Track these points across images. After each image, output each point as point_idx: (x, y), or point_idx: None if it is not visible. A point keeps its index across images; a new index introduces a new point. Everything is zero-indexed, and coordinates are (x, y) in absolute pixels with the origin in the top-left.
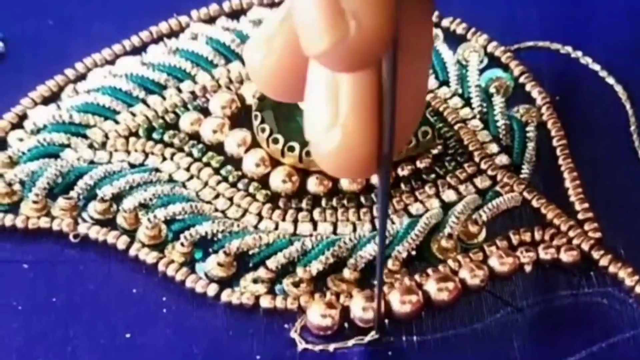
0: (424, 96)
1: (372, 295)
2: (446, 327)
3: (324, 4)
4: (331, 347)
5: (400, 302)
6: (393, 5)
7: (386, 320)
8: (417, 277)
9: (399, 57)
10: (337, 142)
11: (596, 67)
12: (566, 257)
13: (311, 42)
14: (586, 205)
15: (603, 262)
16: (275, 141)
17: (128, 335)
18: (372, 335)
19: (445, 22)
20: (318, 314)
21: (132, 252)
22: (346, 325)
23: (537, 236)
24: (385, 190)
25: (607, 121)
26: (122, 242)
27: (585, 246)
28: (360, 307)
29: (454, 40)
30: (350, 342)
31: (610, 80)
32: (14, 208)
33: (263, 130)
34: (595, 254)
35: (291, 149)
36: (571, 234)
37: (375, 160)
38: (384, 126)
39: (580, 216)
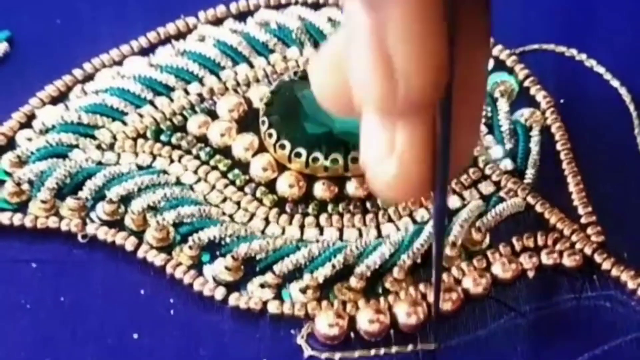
0: (478, 125)
1: (377, 308)
2: (450, 335)
3: (376, 61)
4: (337, 355)
5: (406, 315)
6: (443, 65)
7: (391, 331)
8: (421, 287)
9: (455, 93)
10: (393, 173)
11: (601, 69)
12: (569, 261)
13: (362, 94)
14: (589, 209)
15: (606, 265)
16: (282, 147)
17: (135, 336)
18: (429, 345)
19: None
20: (326, 323)
21: (140, 253)
22: (352, 334)
23: (540, 241)
24: (441, 218)
25: (611, 124)
26: (130, 244)
27: (588, 250)
28: (366, 320)
29: None
30: (357, 353)
31: (615, 83)
32: (22, 207)
33: (270, 135)
34: (598, 258)
35: (298, 155)
36: (574, 238)
37: (430, 186)
38: (440, 159)
39: (583, 220)
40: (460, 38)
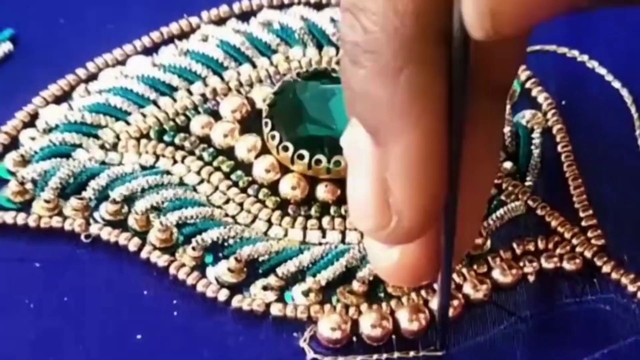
0: (481, 218)
1: (380, 313)
2: (451, 340)
3: (374, 193)
4: (339, 359)
5: (408, 320)
6: (440, 197)
7: (393, 337)
8: (423, 292)
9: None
10: (395, 260)
11: (602, 71)
12: (569, 265)
13: (356, 219)
14: (590, 212)
15: (606, 268)
16: (285, 149)
17: (138, 337)
18: (437, 349)
19: None
20: (329, 327)
21: (143, 254)
22: (354, 338)
23: (541, 245)
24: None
25: (613, 125)
26: (133, 244)
27: (588, 253)
28: (369, 325)
29: None
30: (359, 358)
31: (616, 84)
32: (25, 207)
33: (273, 137)
34: (598, 261)
35: (300, 157)
36: (574, 241)
37: (436, 268)
38: (444, 248)
39: (583, 223)
40: (468, 153)
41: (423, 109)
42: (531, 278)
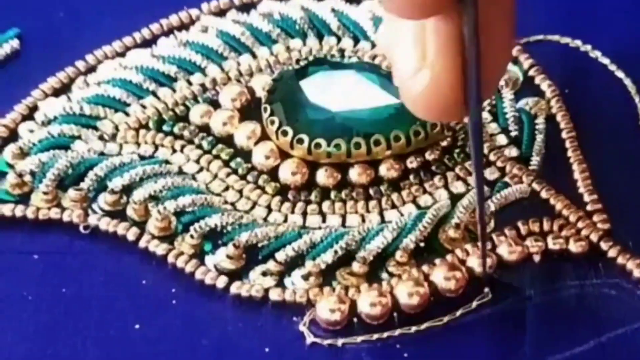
0: (510, 39)
1: (378, 290)
2: (454, 316)
3: None
4: (339, 341)
5: (407, 295)
6: None
7: (395, 314)
8: (424, 268)
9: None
10: (426, 83)
11: (605, 60)
12: (575, 247)
13: None
14: (595, 196)
15: (612, 253)
16: (285, 133)
17: (137, 326)
18: (485, 295)
19: None
20: (327, 309)
21: (142, 243)
22: (355, 320)
23: (546, 226)
24: (478, 134)
25: (616, 114)
26: (132, 234)
27: (594, 237)
28: (367, 304)
29: None
30: (359, 338)
31: (620, 73)
32: (24, 199)
33: (272, 122)
34: (604, 245)
35: (300, 141)
36: (580, 224)
37: (464, 101)
38: (470, 67)
39: (589, 207)
40: None
41: None
42: (536, 258)
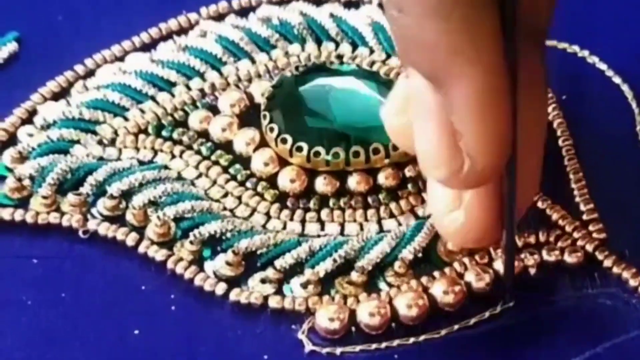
0: (539, 172)
1: (378, 301)
2: (452, 329)
3: (442, 140)
4: (338, 350)
5: (407, 306)
6: (509, 139)
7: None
8: (423, 280)
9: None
10: (460, 223)
11: (603, 66)
12: (570, 258)
13: (428, 169)
14: (591, 205)
15: (607, 262)
16: (284, 141)
17: (136, 332)
18: (504, 303)
19: None
20: (326, 317)
21: (141, 249)
22: (353, 329)
23: (542, 238)
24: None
25: (613, 121)
26: (131, 239)
27: (589, 247)
28: (367, 313)
29: None
30: (358, 348)
31: (617, 80)
32: (23, 203)
33: (272, 130)
34: (600, 255)
35: (299, 149)
36: (576, 235)
37: (499, 230)
38: (506, 211)
39: (585, 217)
40: (521, 99)
41: (480, 45)
42: (532, 270)
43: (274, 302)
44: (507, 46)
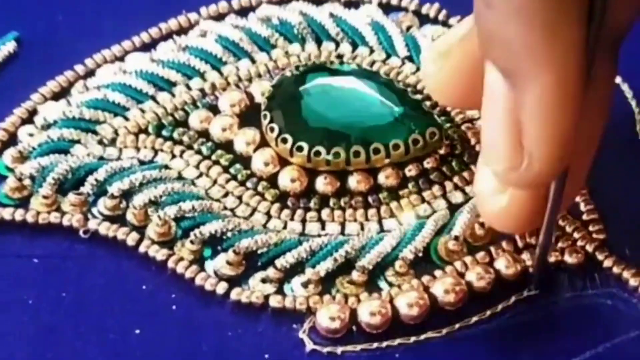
0: (587, 172)
1: (379, 300)
2: (453, 328)
3: (507, 135)
4: (339, 349)
5: (407, 306)
6: (571, 141)
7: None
8: (424, 279)
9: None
10: (504, 205)
11: None
12: (571, 259)
13: (489, 159)
14: (591, 206)
15: (607, 263)
16: (284, 141)
17: (137, 332)
18: (530, 290)
19: (452, 21)
20: (327, 317)
21: (141, 248)
22: (354, 328)
23: None
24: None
25: (613, 121)
26: (131, 239)
27: (589, 247)
28: (368, 313)
29: None
30: (359, 347)
31: (617, 79)
32: (24, 203)
33: (272, 129)
34: (600, 255)
35: (300, 148)
36: (576, 235)
37: (537, 221)
38: (550, 207)
39: (584, 217)
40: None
41: (560, 51)
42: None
43: (274, 302)
44: (587, 57)
